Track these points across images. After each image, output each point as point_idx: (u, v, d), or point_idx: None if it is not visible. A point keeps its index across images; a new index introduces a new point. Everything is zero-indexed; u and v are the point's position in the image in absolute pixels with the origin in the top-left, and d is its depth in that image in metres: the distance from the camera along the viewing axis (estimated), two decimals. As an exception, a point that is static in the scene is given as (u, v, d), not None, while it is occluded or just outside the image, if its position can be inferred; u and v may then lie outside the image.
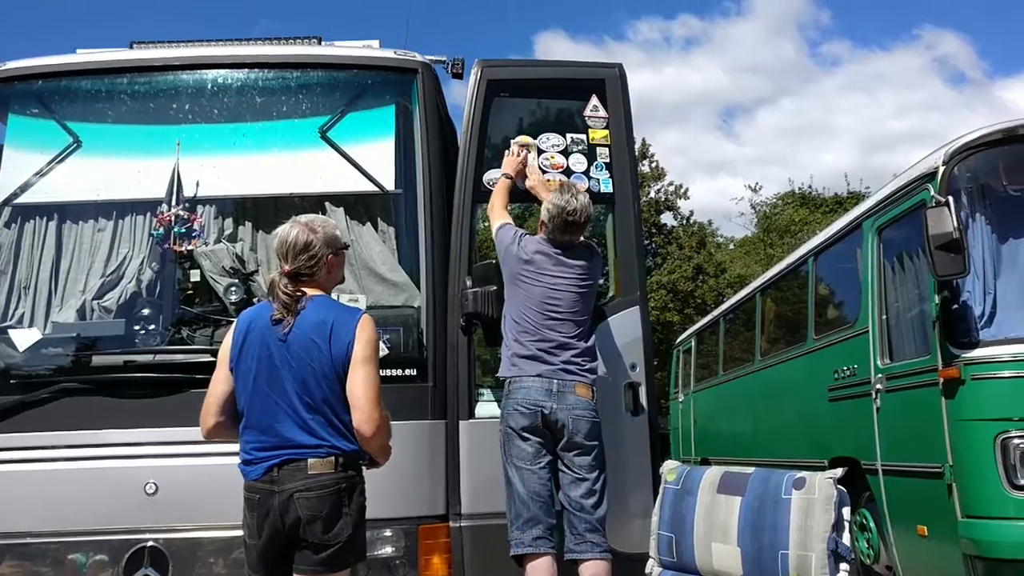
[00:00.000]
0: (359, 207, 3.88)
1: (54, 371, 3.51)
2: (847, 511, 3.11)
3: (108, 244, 3.81)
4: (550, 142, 3.90)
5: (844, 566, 3.03)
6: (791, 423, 6.54)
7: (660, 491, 3.52)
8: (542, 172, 3.82)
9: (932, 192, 4.17)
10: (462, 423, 3.57)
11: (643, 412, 3.69)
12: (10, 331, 3.62)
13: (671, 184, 24.85)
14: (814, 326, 6.12)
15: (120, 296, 3.73)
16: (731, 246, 27.98)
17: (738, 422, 8.75)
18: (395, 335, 3.60)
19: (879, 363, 4.82)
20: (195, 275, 3.72)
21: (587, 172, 3.89)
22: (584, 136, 3.93)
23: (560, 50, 47.21)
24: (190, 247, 3.72)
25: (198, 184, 3.79)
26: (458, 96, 20.98)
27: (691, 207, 25.87)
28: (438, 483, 3.52)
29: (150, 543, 3.32)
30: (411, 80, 3.93)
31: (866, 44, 54.36)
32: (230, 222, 3.86)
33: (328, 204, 3.83)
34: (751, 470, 3.40)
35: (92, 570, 3.31)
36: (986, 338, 3.93)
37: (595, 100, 3.96)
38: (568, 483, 3.32)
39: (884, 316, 4.88)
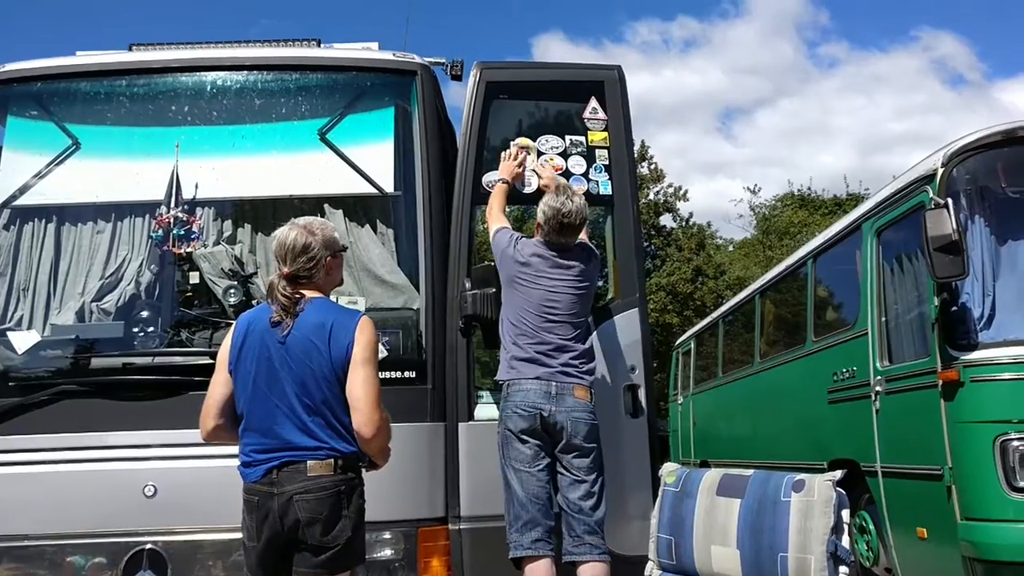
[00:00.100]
0: (358, 209, 3.88)
1: (53, 373, 3.51)
2: (846, 513, 3.10)
3: (107, 246, 3.81)
4: (549, 144, 3.90)
5: (843, 568, 3.02)
6: (790, 425, 6.54)
7: (659, 493, 3.51)
8: (538, 177, 3.80)
9: (931, 194, 4.17)
10: (461, 425, 3.57)
11: (642, 414, 3.69)
12: (9, 333, 3.62)
13: (670, 186, 24.90)
14: (813, 328, 6.11)
15: (119, 298, 3.73)
16: (730, 248, 28.02)
17: (737, 424, 8.74)
18: (394, 337, 3.61)
19: (878, 365, 4.82)
20: (194, 277, 3.72)
21: (586, 174, 3.89)
22: (583, 138, 3.92)
23: (558, 52, 47.36)
24: (189, 249, 3.72)
25: (197, 186, 3.79)
26: (457, 98, 20.98)
27: (690, 209, 25.86)
28: (437, 485, 3.52)
29: (149, 545, 3.32)
30: (410, 82, 3.93)
31: (864, 45, 54.48)
32: (229, 224, 3.86)
33: (327, 206, 3.83)
34: (750, 472, 3.39)
35: (91, 572, 3.31)
36: (985, 340, 3.93)
37: (594, 102, 3.96)
38: (567, 485, 3.31)
39: (883, 318, 4.88)
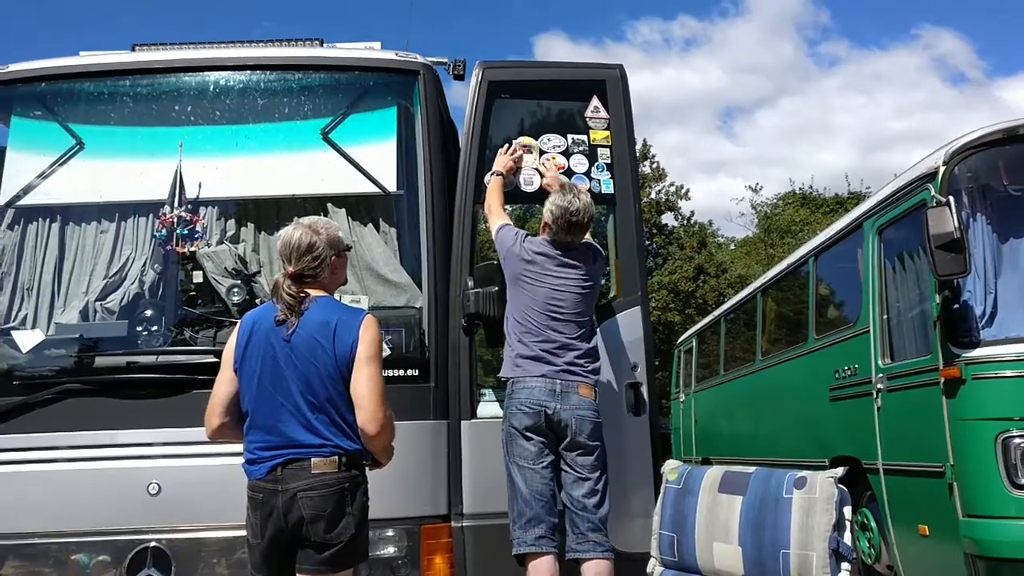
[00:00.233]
0: (361, 208, 3.88)
1: (57, 372, 3.52)
2: (848, 510, 3.11)
3: (111, 246, 3.82)
4: (551, 143, 3.91)
5: (845, 565, 3.03)
6: (792, 423, 6.55)
7: (661, 491, 3.52)
8: (540, 176, 3.82)
9: (933, 192, 4.18)
10: (464, 423, 3.57)
11: (644, 412, 3.69)
12: (13, 332, 3.62)
13: (672, 185, 24.91)
14: (815, 326, 6.12)
15: (123, 297, 3.74)
16: (732, 246, 28.01)
17: (739, 422, 8.75)
18: (397, 336, 3.61)
19: (880, 363, 4.83)
20: (198, 276, 3.73)
21: (588, 173, 3.89)
22: (585, 137, 3.93)
23: (560, 51, 47.32)
24: (192, 248, 3.72)
25: (200, 186, 3.80)
26: (459, 97, 20.91)
27: (691, 207, 25.89)
28: (440, 483, 3.53)
29: (153, 543, 3.32)
30: (412, 82, 3.93)
31: (865, 44, 54.34)
32: (232, 223, 3.87)
33: (330, 205, 3.84)
34: (752, 469, 3.40)
35: (95, 570, 3.32)
36: (987, 338, 3.94)
37: (596, 101, 3.97)
38: (570, 483, 3.32)
39: (885, 316, 4.89)
